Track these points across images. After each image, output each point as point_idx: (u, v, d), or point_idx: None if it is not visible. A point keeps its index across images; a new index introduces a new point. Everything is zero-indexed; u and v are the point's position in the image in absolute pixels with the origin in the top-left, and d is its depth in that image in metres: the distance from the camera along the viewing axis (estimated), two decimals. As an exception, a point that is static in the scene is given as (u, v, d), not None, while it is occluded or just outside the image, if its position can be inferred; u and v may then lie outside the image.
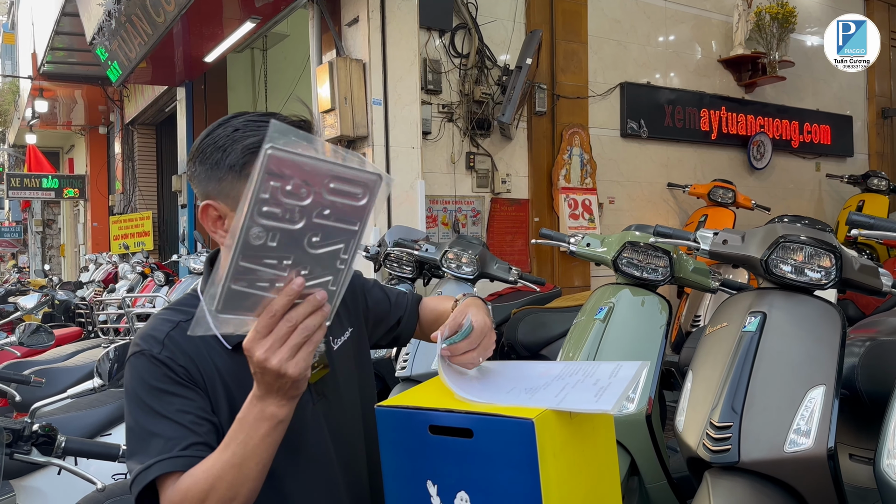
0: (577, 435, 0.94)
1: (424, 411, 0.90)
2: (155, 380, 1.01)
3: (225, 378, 1.04)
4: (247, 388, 0.99)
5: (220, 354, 1.05)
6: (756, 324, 1.96)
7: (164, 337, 1.04)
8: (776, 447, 1.76)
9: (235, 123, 1.05)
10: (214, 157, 1.03)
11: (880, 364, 2.20)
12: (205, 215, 1.06)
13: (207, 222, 1.06)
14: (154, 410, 0.99)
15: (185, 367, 1.02)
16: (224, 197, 1.04)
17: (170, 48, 6.55)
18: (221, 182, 1.03)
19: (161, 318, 1.08)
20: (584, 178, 5.50)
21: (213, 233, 1.07)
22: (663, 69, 6.22)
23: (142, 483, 0.95)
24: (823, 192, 7.39)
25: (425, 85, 4.73)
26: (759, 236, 2.04)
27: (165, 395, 1.00)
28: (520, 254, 5.24)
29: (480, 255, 3.15)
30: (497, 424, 0.84)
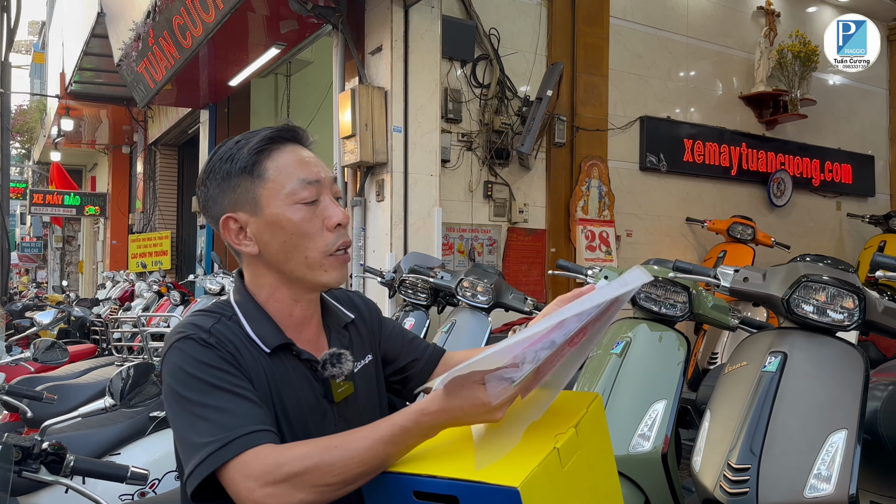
0: (574, 485, 0.91)
1: (408, 476, 0.87)
2: (209, 358, 1.00)
3: (262, 378, 1.04)
4: (286, 388, 1.05)
5: (257, 356, 1.05)
6: (777, 364, 1.92)
7: (209, 327, 1.04)
8: (796, 492, 1.71)
9: (235, 138, 1.10)
10: (224, 169, 1.07)
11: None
12: (226, 230, 1.09)
13: (230, 237, 1.09)
14: (215, 386, 0.97)
15: (233, 354, 1.02)
16: (241, 205, 1.07)
17: (195, 71, 6.66)
18: (236, 190, 1.07)
19: (198, 316, 1.08)
20: (602, 210, 5.48)
21: (237, 245, 1.09)
22: (684, 104, 6.22)
23: (222, 459, 0.92)
24: (844, 231, 7.31)
25: (445, 113, 4.76)
26: (781, 275, 2.02)
27: (224, 373, 0.99)
28: (535, 284, 5.21)
29: (496, 285, 3.14)
30: (482, 492, 0.82)
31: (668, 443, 2.30)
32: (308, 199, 1.06)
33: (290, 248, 1.07)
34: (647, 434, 2.29)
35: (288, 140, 1.09)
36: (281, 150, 1.07)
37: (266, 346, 1.06)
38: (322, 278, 1.10)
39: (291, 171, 1.06)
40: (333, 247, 1.08)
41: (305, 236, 1.06)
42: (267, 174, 1.06)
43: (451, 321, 3.20)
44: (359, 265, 4.51)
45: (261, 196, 1.06)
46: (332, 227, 1.08)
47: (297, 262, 1.08)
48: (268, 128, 1.10)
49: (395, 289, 3.83)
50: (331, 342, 1.16)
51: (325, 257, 1.08)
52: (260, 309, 1.10)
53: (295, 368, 1.08)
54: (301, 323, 1.13)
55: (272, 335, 1.07)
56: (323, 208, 1.08)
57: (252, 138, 1.07)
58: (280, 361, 1.07)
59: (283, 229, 1.06)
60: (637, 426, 2.31)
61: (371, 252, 4.60)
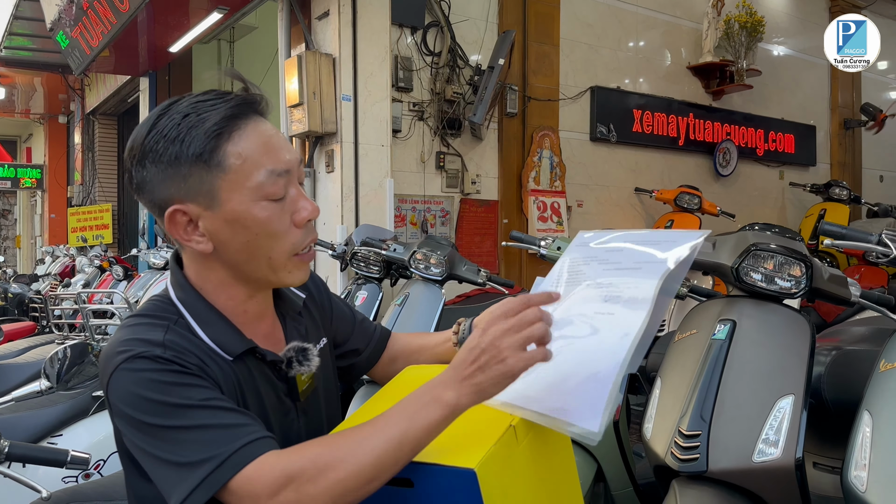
0: (530, 464, 0.89)
1: None
2: (172, 377, 0.84)
3: (232, 384, 0.92)
4: (250, 394, 0.94)
5: (219, 364, 0.92)
6: (726, 332, 1.94)
7: (161, 339, 0.88)
8: (744, 457, 1.74)
9: (181, 108, 0.90)
10: (171, 152, 0.88)
11: (846, 373, 2.21)
12: (172, 224, 0.92)
13: (177, 231, 0.92)
14: (189, 406, 0.83)
15: (196, 365, 0.87)
16: (193, 196, 0.90)
17: (133, 37, 6.37)
18: (187, 180, 0.89)
19: (144, 325, 0.91)
20: (554, 180, 5.50)
21: (185, 241, 0.93)
22: (633, 74, 6.25)
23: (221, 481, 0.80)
24: (786, 200, 7.51)
25: (396, 82, 4.67)
26: (731, 244, 2.03)
27: (193, 388, 0.85)
28: (488, 255, 5.21)
29: (449, 257, 3.11)
30: (437, 474, 0.79)
31: (620, 410, 2.33)
32: (277, 195, 0.91)
33: (253, 249, 0.92)
34: (600, 403, 2.31)
35: (248, 113, 0.92)
36: (242, 129, 0.89)
37: (227, 354, 0.93)
38: (285, 279, 0.97)
39: (258, 158, 0.90)
40: (301, 245, 0.95)
41: (272, 236, 0.92)
42: (227, 163, 0.88)
43: (404, 294, 3.17)
44: (309, 238, 4.41)
45: (219, 189, 0.89)
46: (302, 223, 0.94)
47: (258, 264, 0.94)
48: (222, 96, 0.91)
49: (347, 262, 3.76)
50: (288, 333, 1.04)
51: (290, 257, 0.95)
52: (210, 308, 0.95)
53: (259, 372, 0.97)
54: (256, 318, 1.00)
55: (233, 340, 0.94)
56: (291, 201, 0.93)
57: (207, 115, 0.88)
58: (243, 367, 0.95)
59: (247, 228, 0.91)
60: (590, 395, 2.33)
61: (322, 224, 4.51)
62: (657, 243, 0.93)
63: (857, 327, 2.62)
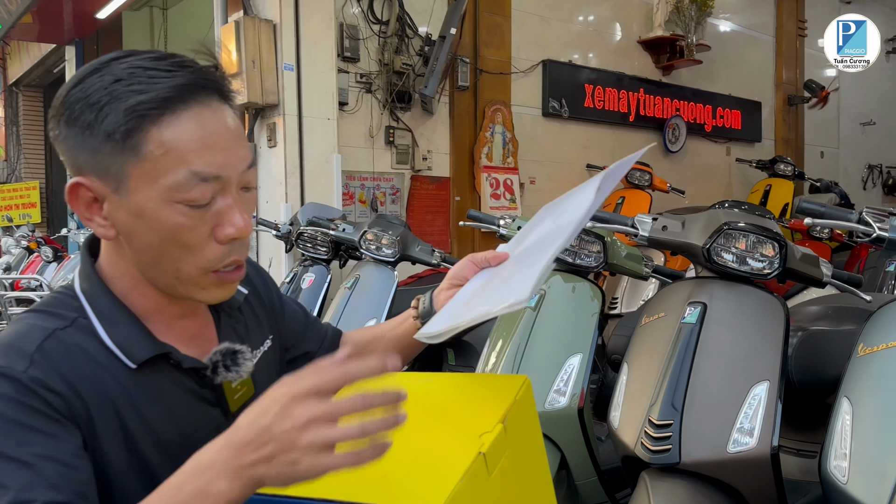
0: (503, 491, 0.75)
1: (298, 501, 0.68)
2: (12, 409, 0.70)
3: (120, 405, 0.77)
4: (157, 412, 0.79)
5: (116, 376, 0.77)
6: (696, 315, 1.85)
7: (33, 349, 0.74)
8: (719, 447, 1.66)
9: (117, 70, 0.75)
10: (86, 119, 0.74)
11: (813, 354, 2.15)
12: (73, 197, 0.78)
13: (78, 206, 0.79)
14: (7, 457, 0.68)
15: (60, 394, 0.72)
16: (100, 174, 0.76)
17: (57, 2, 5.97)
18: (97, 154, 0.75)
19: (29, 324, 0.77)
20: (507, 157, 5.37)
21: (86, 220, 0.80)
22: (585, 48, 6.15)
23: None
24: (733, 176, 7.58)
25: (342, 52, 4.44)
26: (701, 223, 1.94)
27: (24, 432, 0.70)
28: (440, 234, 5.06)
29: (402, 237, 2.95)
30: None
31: (584, 397, 2.23)
32: (198, 201, 0.76)
33: (158, 255, 0.78)
34: (563, 389, 2.22)
35: (198, 94, 0.76)
36: (179, 115, 0.74)
37: (131, 361, 0.79)
38: (196, 296, 0.82)
39: (183, 154, 0.75)
40: (219, 263, 0.80)
41: (181, 246, 0.77)
42: (144, 149, 0.74)
43: (354, 276, 3.00)
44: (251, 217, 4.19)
45: (129, 175, 0.75)
46: (224, 240, 0.79)
47: (163, 271, 0.80)
48: (173, 68, 0.76)
49: (293, 243, 3.57)
50: (221, 333, 0.90)
51: (205, 274, 0.80)
52: (117, 304, 0.81)
53: (173, 381, 0.82)
54: (178, 317, 0.86)
55: (139, 343, 0.80)
56: (217, 212, 0.78)
57: (139, 87, 0.74)
58: (150, 377, 0.80)
59: (152, 230, 0.77)
60: (553, 382, 2.23)
61: (264, 203, 4.28)
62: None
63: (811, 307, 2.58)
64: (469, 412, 0.78)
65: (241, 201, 0.80)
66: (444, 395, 0.84)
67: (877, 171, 9.45)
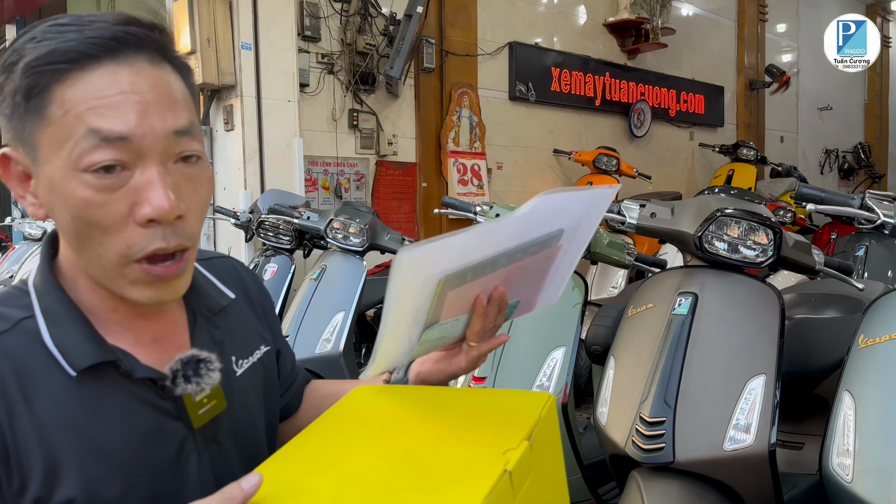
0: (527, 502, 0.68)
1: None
2: None
3: (55, 427, 0.66)
4: (101, 426, 0.68)
5: (56, 388, 0.67)
6: (687, 306, 1.77)
7: None
8: (715, 445, 1.59)
9: (39, 28, 0.66)
10: (3, 75, 0.66)
11: (800, 344, 2.10)
12: (6, 171, 0.70)
13: (11, 181, 0.70)
14: None
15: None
16: (19, 142, 0.67)
17: (-7, -25, 5.62)
18: (11, 121, 0.66)
19: None
20: (473, 141, 5.25)
21: (20, 198, 0.70)
22: (551, 30, 6.05)
23: None
24: (696, 160, 7.61)
25: (302, 30, 4.26)
26: (692, 210, 1.85)
27: None
28: (407, 221, 4.93)
29: (370, 225, 2.82)
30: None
31: (568, 392, 2.14)
32: (98, 163, 0.64)
33: (77, 237, 0.67)
34: (546, 385, 2.14)
35: (118, 51, 0.66)
36: (89, 71, 0.64)
37: (71, 368, 0.68)
38: (126, 292, 0.69)
39: (81, 113, 0.64)
40: (140, 251, 0.67)
41: (94, 226, 0.66)
42: (46, 110, 0.64)
43: (320, 267, 2.85)
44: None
45: (39, 142, 0.66)
46: (142, 221, 0.66)
47: (88, 259, 0.69)
48: (94, 22, 0.66)
49: (253, 231, 3.40)
50: (195, 338, 0.78)
51: (128, 264, 0.68)
52: (66, 302, 0.71)
53: (124, 392, 0.71)
54: (137, 316, 0.75)
55: (82, 347, 0.69)
56: (134, 188, 0.66)
57: (48, 43, 0.64)
58: (93, 387, 0.69)
59: (65, 206, 0.66)
60: (536, 376, 2.14)
61: (221, 189, 4.09)
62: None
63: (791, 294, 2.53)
64: (493, 428, 0.71)
65: (171, 176, 0.67)
66: (466, 410, 0.77)
67: (833, 155, 9.63)
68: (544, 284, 0.92)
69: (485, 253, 0.78)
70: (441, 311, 0.80)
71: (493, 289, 0.81)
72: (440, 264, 0.75)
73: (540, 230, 0.82)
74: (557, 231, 0.84)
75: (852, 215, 1.48)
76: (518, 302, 0.91)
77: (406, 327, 0.78)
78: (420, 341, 0.82)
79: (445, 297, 0.78)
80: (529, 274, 0.87)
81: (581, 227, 0.87)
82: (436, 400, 0.79)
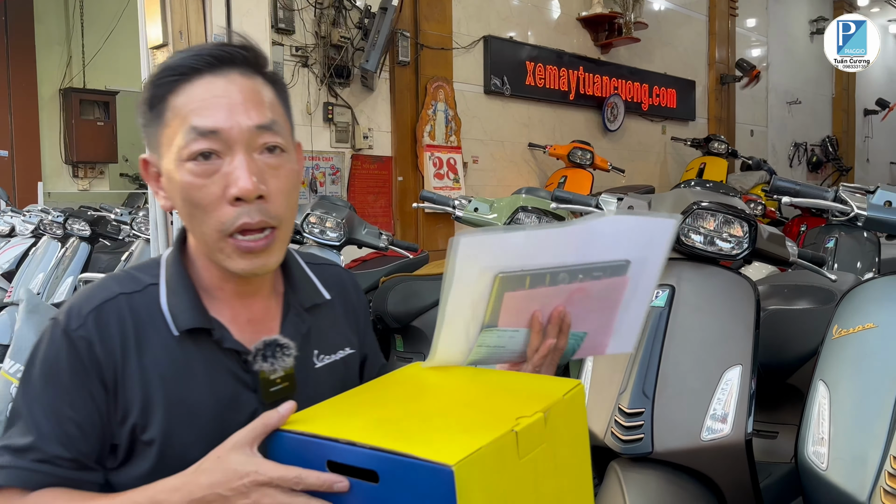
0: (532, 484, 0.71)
1: (322, 441, 0.70)
2: (56, 360, 0.81)
3: (160, 371, 0.83)
4: (191, 383, 0.84)
5: (163, 342, 0.84)
6: (665, 298, 1.79)
7: (90, 310, 0.83)
8: (693, 435, 1.61)
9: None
10: (141, 96, 0.87)
11: (775, 334, 2.14)
12: (145, 172, 0.90)
13: (149, 179, 0.89)
14: (38, 397, 0.81)
15: (98, 359, 0.81)
16: (151, 146, 0.87)
17: (-46, -36, 5.43)
18: (146, 128, 0.86)
19: (102, 285, 0.87)
20: (449, 135, 5.24)
21: (156, 193, 0.88)
22: (525, 24, 6.06)
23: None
24: (668, 154, 7.69)
25: (276, 23, 4.21)
26: (669, 203, 1.87)
27: (63, 387, 0.81)
28: (383, 216, 4.91)
29: (347, 219, 2.79)
30: (407, 468, 0.64)
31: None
32: (196, 152, 0.80)
33: (187, 219, 0.85)
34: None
35: (215, 66, 0.83)
36: (193, 82, 0.82)
37: (175, 328, 0.84)
38: (225, 263, 0.84)
39: (186, 114, 0.81)
40: (229, 226, 0.81)
41: (196, 206, 0.82)
42: (165, 116, 0.83)
43: (297, 262, 2.83)
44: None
45: (160, 143, 0.84)
46: (230, 199, 0.80)
47: (197, 237, 0.86)
48: (206, 48, 0.84)
49: (228, 226, 3.35)
50: (284, 326, 0.91)
51: (223, 239, 0.82)
52: (183, 275, 0.88)
53: (213, 358, 0.85)
54: (238, 297, 0.89)
55: (187, 313, 0.85)
56: (225, 173, 0.80)
57: (168, 62, 0.83)
58: (190, 348, 0.84)
59: (176, 192, 0.84)
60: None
61: (195, 184, 4.03)
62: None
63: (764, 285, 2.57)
64: (516, 400, 0.76)
65: (254, 163, 0.81)
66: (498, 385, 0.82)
67: (802, 148, 9.79)
68: (614, 323, 0.93)
69: (543, 260, 0.82)
70: (499, 314, 0.85)
71: (553, 307, 0.87)
72: (497, 258, 0.80)
73: (602, 254, 0.85)
74: (624, 261, 0.87)
75: (827, 208, 1.50)
76: (585, 334, 0.93)
77: (464, 321, 0.83)
78: (478, 343, 0.86)
79: (503, 300, 0.83)
80: (595, 303, 0.89)
81: (649, 261, 0.89)
82: (476, 377, 0.86)
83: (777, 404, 2.21)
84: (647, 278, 0.90)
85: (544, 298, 0.86)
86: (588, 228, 0.82)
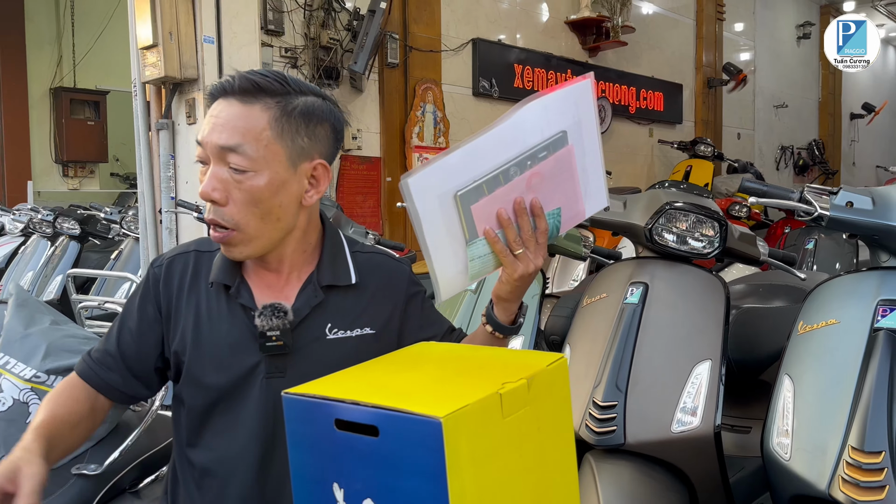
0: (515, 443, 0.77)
1: (330, 402, 0.76)
2: (140, 287, 1.12)
3: (197, 310, 1.07)
4: (209, 324, 1.07)
5: (204, 289, 1.09)
6: (638, 295, 1.84)
7: (169, 257, 1.12)
8: (663, 427, 1.66)
9: None
10: None
11: (747, 332, 2.19)
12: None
13: None
14: (123, 312, 1.11)
15: (159, 290, 1.09)
16: None
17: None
18: None
19: (188, 243, 1.15)
20: (438, 136, 5.29)
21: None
22: (513, 27, 6.11)
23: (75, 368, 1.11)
24: (655, 157, 7.76)
25: (265, 24, 4.25)
26: (642, 203, 1.92)
27: (133, 305, 1.11)
28: (371, 216, 4.95)
29: (335, 218, 2.84)
30: (403, 423, 0.71)
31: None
32: (197, 157, 1.04)
33: None
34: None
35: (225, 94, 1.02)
36: (216, 102, 1.03)
37: (210, 279, 1.08)
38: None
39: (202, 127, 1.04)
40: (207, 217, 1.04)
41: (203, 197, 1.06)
42: None
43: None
44: (169, 199, 3.97)
45: None
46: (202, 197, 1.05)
47: None
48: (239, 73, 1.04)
49: (216, 225, 3.38)
50: (298, 298, 1.08)
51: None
52: None
53: (230, 309, 1.07)
54: (263, 266, 1.09)
55: (219, 270, 1.08)
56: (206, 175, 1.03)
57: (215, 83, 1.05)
58: (220, 297, 1.08)
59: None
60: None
61: (184, 183, 4.06)
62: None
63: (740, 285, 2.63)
64: (504, 370, 0.81)
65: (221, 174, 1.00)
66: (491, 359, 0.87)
67: (788, 152, 9.89)
68: (580, 188, 0.98)
69: (488, 164, 0.87)
70: (475, 226, 0.90)
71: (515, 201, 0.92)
72: (447, 181, 0.85)
73: (537, 136, 0.89)
74: (560, 133, 0.91)
75: (791, 208, 1.55)
76: (559, 209, 0.98)
77: (448, 247, 0.89)
78: (469, 258, 0.92)
79: (471, 213, 0.88)
80: (555, 179, 0.94)
81: (582, 123, 0.93)
82: (471, 353, 0.92)
83: (750, 400, 2.26)
84: (589, 137, 0.95)
85: (507, 195, 0.91)
86: (514, 121, 0.87)
